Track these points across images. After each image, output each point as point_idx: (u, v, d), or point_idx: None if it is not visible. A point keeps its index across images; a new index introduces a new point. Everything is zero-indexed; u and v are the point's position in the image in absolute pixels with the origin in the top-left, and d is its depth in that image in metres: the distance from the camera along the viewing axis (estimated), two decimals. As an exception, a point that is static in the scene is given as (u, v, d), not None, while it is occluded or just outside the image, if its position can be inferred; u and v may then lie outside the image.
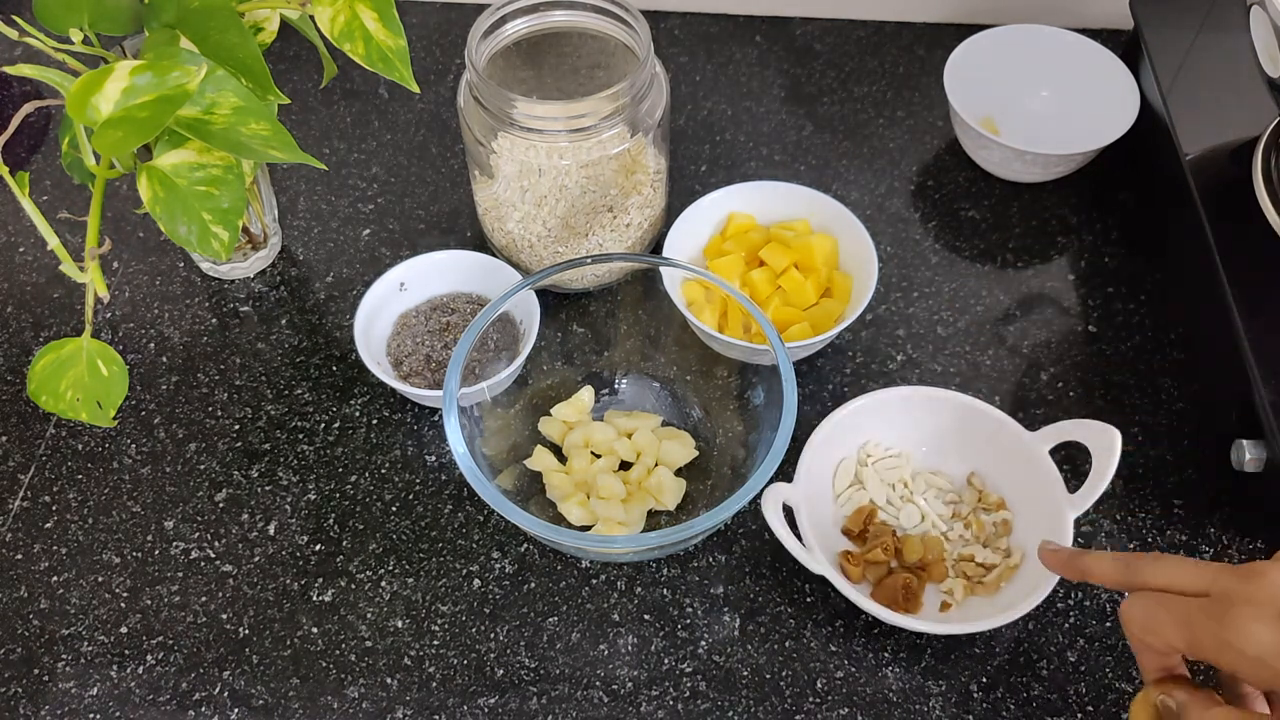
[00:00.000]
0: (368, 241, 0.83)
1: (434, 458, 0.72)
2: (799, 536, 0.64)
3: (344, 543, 0.69)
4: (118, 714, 0.63)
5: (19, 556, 0.69)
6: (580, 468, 0.70)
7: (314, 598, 0.67)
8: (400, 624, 0.66)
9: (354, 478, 0.72)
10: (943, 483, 0.70)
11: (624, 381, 0.75)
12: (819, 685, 0.64)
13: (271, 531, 0.70)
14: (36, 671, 0.64)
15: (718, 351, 0.72)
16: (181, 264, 0.82)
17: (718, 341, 0.71)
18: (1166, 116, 0.78)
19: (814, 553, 0.63)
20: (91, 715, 0.63)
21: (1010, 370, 0.76)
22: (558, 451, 0.72)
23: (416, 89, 0.63)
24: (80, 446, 0.73)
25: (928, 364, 0.76)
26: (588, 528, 0.68)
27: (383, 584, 0.67)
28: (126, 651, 0.65)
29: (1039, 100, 0.88)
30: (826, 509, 0.69)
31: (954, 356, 0.77)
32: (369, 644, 0.65)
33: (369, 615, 0.66)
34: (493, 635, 0.65)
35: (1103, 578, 0.55)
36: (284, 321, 0.79)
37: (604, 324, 0.75)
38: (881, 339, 0.77)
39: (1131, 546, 0.68)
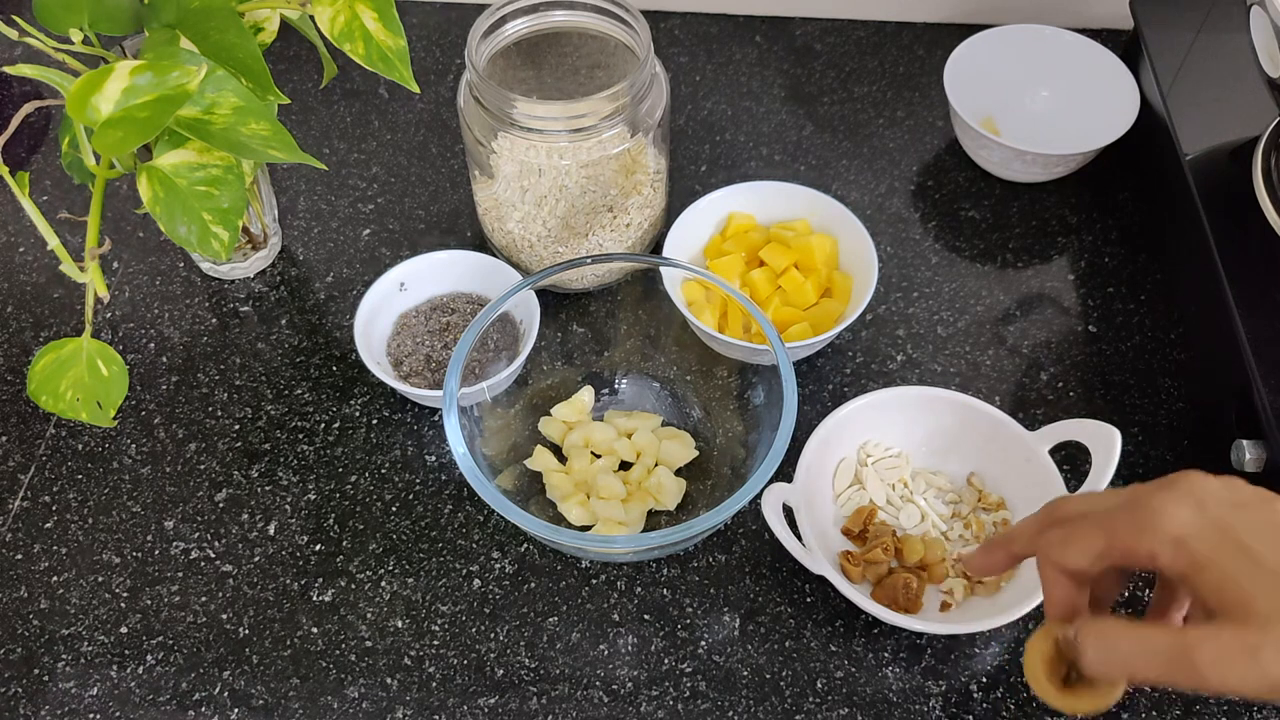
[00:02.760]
0: (368, 241, 0.83)
1: (434, 458, 0.72)
2: (799, 536, 0.64)
3: (344, 543, 0.69)
4: (118, 714, 0.63)
5: (19, 556, 0.69)
6: (580, 468, 0.69)
7: (314, 598, 0.67)
8: (400, 624, 0.66)
9: (354, 478, 0.72)
10: (943, 483, 0.70)
11: (624, 381, 0.75)
12: (819, 685, 0.64)
13: (271, 531, 0.70)
14: (36, 671, 0.64)
15: (718, 351, 0.72)
16: (181, 264, 0.82)
17: (718, 341, 0.71)
18: (1166, 116, 0.78)
19: (814, 553, 0.63)
20: (91, 715, 0.63)
21: (1010, 370, 0.76)
22: (558, 451, 0.72)
23: (416, 89, 0.63)
24: (80, 446, 0.73)
25: (928, 364, 0.76)
26: (588, 528, 0.68)
27: (383, 584, 0.67)
28: (126, 651, 0.65)
29: (1039, 100, 0.88)
30: (826, 509, 0.69)
31: (954, 356, 0.77)
32: (369, 644, 0.65)
33: (369, 615, 0.66)
34: (493, 635, 0.65)
35: (1024, 533, 0.52)
36: (284, 321, 0.79)
37: (604, 324, 0.75)
38: (881, 339, 0.77)
39: (1131, 546, 0.68)
